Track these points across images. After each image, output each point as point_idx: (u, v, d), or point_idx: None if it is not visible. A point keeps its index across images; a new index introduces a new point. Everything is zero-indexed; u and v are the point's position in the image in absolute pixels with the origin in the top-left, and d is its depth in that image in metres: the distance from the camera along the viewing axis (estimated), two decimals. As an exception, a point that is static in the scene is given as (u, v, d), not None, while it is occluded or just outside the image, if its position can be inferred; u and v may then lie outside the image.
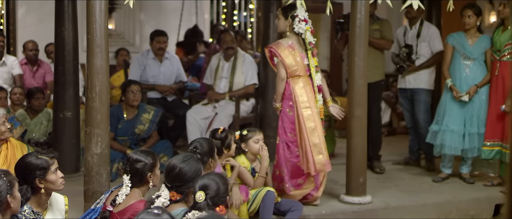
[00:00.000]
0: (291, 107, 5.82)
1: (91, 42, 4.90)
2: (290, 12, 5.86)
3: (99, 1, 4.86)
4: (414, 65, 7.35)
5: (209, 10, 11.45)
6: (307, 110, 5.75)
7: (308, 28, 5.85)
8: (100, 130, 4.91)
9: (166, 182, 3.93)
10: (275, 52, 5.82)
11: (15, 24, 10.25)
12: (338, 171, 7.08)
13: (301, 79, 5.84)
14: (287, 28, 5.89)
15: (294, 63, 5.80)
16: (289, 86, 5.83)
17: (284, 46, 5.83)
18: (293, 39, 5.86)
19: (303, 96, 5.79)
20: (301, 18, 5.84)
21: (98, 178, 4.95)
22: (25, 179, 3.89)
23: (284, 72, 5.80)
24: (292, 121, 5.83)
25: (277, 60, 5.83)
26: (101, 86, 4.90)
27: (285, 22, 5.87)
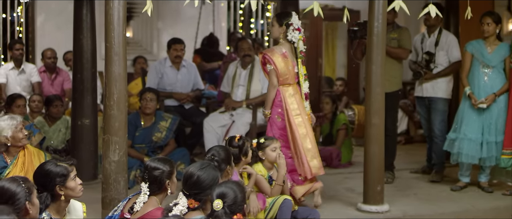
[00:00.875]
0: (280, 114, 5.92)
1: (109, 50, 4.92)
2: (285, 20, 5.96)
3: (118, 10, 4.88)
4: (431, 73, 7.31)
5: (226, 18, 11.47)
6: (298, 117, 5.87)
7: (301, 37, 5.97)
8: (118, 137, 4.93)
9: (183, 190, 3.93)
10: (269, 60, 5.91)
11: (34, 32, 10.33)
12: (355, 180, 7.07)
13: (291, 87, 5.96)
14: (281, 35, 5.97)
15: (286, 71, 5.91)
16: (280, 93, 5.93)
17: (278, 54, 5.92)
18: (286, 47, 5.96)
19: (293, 103, 5.90)
20: (295, 27, 5.94)
21: (116, 185, 4.96)
22: (44, 187, 3.90)
23: (276, 80, 5.91)
24: (281, 127, 5.92)
25: (271, 68, 5.91)
26: (119, 94, 4.92)
27: (279, 29, 5.97)
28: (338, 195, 6.61)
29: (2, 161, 5.23)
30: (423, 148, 7.97)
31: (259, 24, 11.93)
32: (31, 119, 7.63)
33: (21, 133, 5.19)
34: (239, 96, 7.76)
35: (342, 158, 8.18)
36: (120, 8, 4.89)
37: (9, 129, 5.15)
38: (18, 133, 5.18)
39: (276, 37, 6.07)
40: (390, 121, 7.23)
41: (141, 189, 4.09)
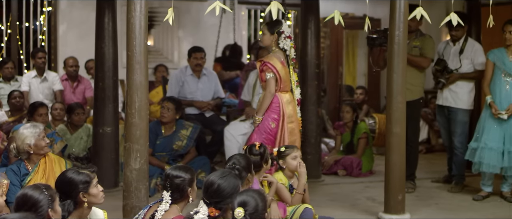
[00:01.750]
0: (275, 120, 6.01)
1: (131, 59, 4.95)
2: (276, 28, 6.05)
3: (139, 19, 4.92)
4: (455, 74, 7.21)
5: (246, 26, 11.49)
6: (291, 124, 6.00)
7: (292, 44, 6.09)
8: (139, 145, 4.95)
9: (204, 198, 3.94)
10: (271, 67, 5.97)
11: (56, 40, 10.41)
12: (376, 189, 7.04)
13: (288, 94, 6.08)
14: (273, 43, 6.05)
15: (286, 78, 6.02)
16: (278, 99, 6.01)
17: (278, 61, 6.00)
18: (281, 55, 6.04)
19: (289, 109, 6.03)
20: (286, 35, 6.04)
21: (137, 193, 4.98)
22: (68, 194, 3.94)
23: (274, 87, 5.99)
24: (271, 133, 6.00)
25: (271, 75, 5.97)
26: (140, 102, 4.94)
27: (271, 37, 6.06)
28: (359, 204, 6.59)
29: (24, 168, 5.28)
30: (444, 157, 7.91)
31: (280, 33, 11.94)
32: (53, 126, 7.69)
33: (44, 141, 5.24)
34: (260, 105, 7.76)
35: (363, 167, 8.15)
36: (142, 17, 4.92)
37: (32, 137, 5.20)
38: (40, 141, 5.22)
39: (267, 45, 6.17)
40: (411, 131, 7.17)
41: (163, 197, 4.11)
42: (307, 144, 7.48)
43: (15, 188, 5.11)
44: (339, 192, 7.18)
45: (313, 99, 7.58)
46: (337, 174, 8.11)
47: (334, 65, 11.55)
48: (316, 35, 7.59)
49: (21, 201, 3.51)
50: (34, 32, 10.63)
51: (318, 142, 7.75)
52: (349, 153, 8.33)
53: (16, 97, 8.52)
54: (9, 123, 8.23)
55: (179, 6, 10.43)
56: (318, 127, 7.69)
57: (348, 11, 11.10)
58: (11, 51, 10.45)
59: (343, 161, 8.17)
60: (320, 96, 7.81)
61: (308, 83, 7.57)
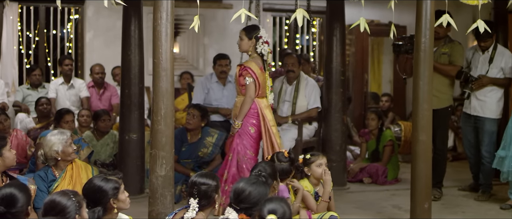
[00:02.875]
0: (254, 125, 6.06)
1: (157, 66, 4.97)
2: (254, 33, 6.10)
3: (165, 26, 4.94)
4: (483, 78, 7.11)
5: (271, 33, 11.49)
6: (274, 128, 6.06)
7: (269, 50, 6.15)
8: (164, 152, 4.97)
9: (233, 205, 3.96)
10: (251, 73, 6.02)
11: (83, 48, 10.50)
12: (402, 196, 7.00)
13: (265, 99, 6.15)
14: (250, 49, 6.10)
15: (264, 84, 6.09)
16: (256, 105, 6.07)
17: (257, 67, 6.05)
18: (258, 60, 6.10)
19: (268, 114, 6.09)
20: (264, 40, 6.09)
21: (163, 200, 4.99)
22: (97, 201, 3.98)
23: (254, 92, 6.04)
24: (254, 138, 6.06)
25: (251, 80, 6.01)
26: (166, 109, 4.96)
27: (249, 42, 6.11)
28: (385, 212, 6.55)
29: (51, 174, 5.33)
30: (469, 165, 7.84)
31: (305, 39, 11.92)
32: (79, 133, 7.75)
33: (71, 148, 5.29)
34: (285, 112, 7.76)
35: (389, 174, 8.10)
36: (168, 25, 4.94)
37: (60, 144, 5.25)
38: (67, 147, 5.27)
39: (245, 50, 6.22)
40: (439, 140, 7.12)
41: (190, 204, 4.12)
42: (332, 152, 7.46)
43: (43, 194, 5.16)
44: (365, 200, 7.14)
45: (338, 107, 7.56)
46: (363, 182, 8.08)
47: (360, 72, 11.51)
48: (342, 42, 7.57)
49: (49, 206, 3.55)
50: (61, 39, 10.73)
51: (344, 149, 7.72)
52: (375, 161, 8.29)
53: (43, 104, 8.61)
54: (37, 130, 8.32)
55: (205, 14, 10.47)
56: (343, 134, 7.67)
57: (374, 18, 11.06)
58: (38, 58, 10.56)
59: (368, 168, 8.13)
60: (345, 103, 7.79)
61: (333, 90, 7.55)
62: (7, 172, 4.91)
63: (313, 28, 11.79)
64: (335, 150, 7.52)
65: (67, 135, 5.34)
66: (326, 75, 7.68)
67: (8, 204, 3.72)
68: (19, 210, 3.76)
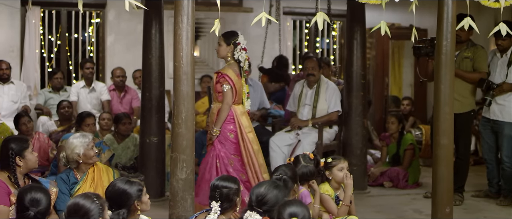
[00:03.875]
0: (232, 130, 6.08)
1: (178, 70, 4.99)
2: (232, 39, 6.14)
3: (186, 30, 4.96)
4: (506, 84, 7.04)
5: (292, 37, 11.49)
6: (250, 134, 6.09)
7: (247, 57, 6.16)
8: (185, 155, 4.98)
9: (256, 207, 3.97)
10: (228, 80, 6.04)
11: (104, 51, 10.57)
12: (423, 201, 6.96)
13: (241, 105, 6.18)
14: (228, 55, 6.12)
15: (240, 90, 6.12)
16: (232, 111, 6.09)
17: (234, 74, 6.08)
18: (235, 67, 6.12)
19: (245, 121, 6.12)
20: (242, 46, 6.13)
21: (183, 203, 5.00)
22: (122, 204, 4.01)
23: (231, 99, 6.06)
24: (235, 142, 6.08)
25: (228, 87, 6.03)
26: (187, 112, 4.97)
27: (227, 48, 6.14)
28: (406, 217, 6.51)
29: (73, 177, 5.36)
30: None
31: (325, 43, 11.90)
32: (100, 136, 7.79)
33: (92, 151, 5.32)
34: (305, 115, 7.75)
35: (409, 178, 8.06)
36: (189, 29, 4.96)
37: (81, 147, 5.28)
38: (89, 151, 5.31)
39: (223, 56, 6.24)
40: (462, 145, 7.06)
41: (212, 207, 4.13)
42: (353, 155, 7.43)
43: (64, 197, 5.19)
44: (385, 204, 7.11)
45: (358, 110, 7.53)
46: (383, 186, 8.04)
47: (380, 75, 11.47)
48: (362, 45, 7.55)
49: (73, 209, 3.59)
50: (83, 43, 10.80)
51: (364, 153, 7.70)
52: (395, 165, 8.24)
53: (65, 107, 8.67)
54: (58, 133, 8.39)
55: (225, 17, 10.49)
56: (363, 138, 7.64)
57: (394, 21, 11.02)
58: (60, 61, 10.65)
59: (389, 172, 8.09)
60: (365, 107, 7.76)
61: (353, 94, 7.53)
62: (29, 174, 4.95)
63: (334, 32, 11.77)
64: (355, 154, 7.50)
65: (89, 138, 5.38)
66: (347, 79, 7.66)
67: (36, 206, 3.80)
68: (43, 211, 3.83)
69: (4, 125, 8.01)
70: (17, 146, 4.81)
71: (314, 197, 5.23)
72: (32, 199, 3.87)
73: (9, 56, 9.81)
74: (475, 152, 9.95)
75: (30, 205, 3.85)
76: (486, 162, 7.47)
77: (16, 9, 9.96)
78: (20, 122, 7.72)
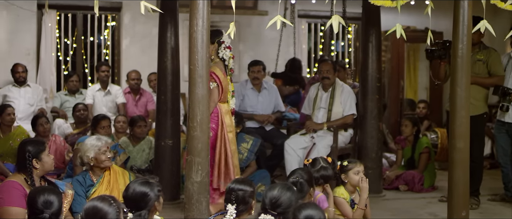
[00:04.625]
0: (213, 129, 6.06)
1: (193, 73, 4.99)
2: (216, 38, 6.16)
3: (201, 33, 4.96)
4: None
5: (306, 40, 11.48)
6: (230, 134, 6.11)
7: (231, 55, 6.18)
8: (200, 158, 4.98)
9: (270, 210, 3.97)
10: (215, 78, 6.06)
11: (119, 54, 10.61)
12: (439, 205, 6.93)
13: (226, 104, 6.20)
14: (213, 53, 6.14)
15: (226, 89, 6.13)
16: (217, 109, 6.12)
17: (221, 72, 6.10)
18: (221, 65, 6.14)
19: (228, 120, 6.14)
20: (226, 45, 6.15)
21: (198, 206, 5.00)
22: (143, 205, 4.04)
23: (218, 97, 6.08)
24: (211, 142, 5.91)
25: (214, 85, 6.06)
26: (202, 115, 4.98)
27: (211, 46, 6.09)
28: (421, 220, 6.49)
29: (89, 179, 5.39)
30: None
31: (340, 46, 11.89)
32: (116, 139, 7.82)
33: (104, 156, 5.35)
34: (320, 119, 7.74)
35: (425, 182, 8.02)
36: (204, 32, 4.96)
37: (92, 150, 5.33)
38: (100, 155, 5.34)
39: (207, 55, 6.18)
40: (475, 147, 6.99)
41: (228, 210, 4.14)
42: (368, 159, 7.41)
43: (80, 199, 5.22)
44: (401, 207, 7.08)
45: (374, 113, 7.51)
46: (399, 189, 8.00)
47: (395, 78, 11.43)
48: (377, 48, 7.53)
49: (91, 212, 3.60)
50: (98, 46, 10.86)
51: (379, 156, 7.67)
52: (410, 169, 8.20)
53: (80, 110, 8.72)
54: (74, 135, 8.43)
55: (240, 20, 10.50)
56: (379, 141, 7.62)
57: (410, 24, 10.99)
58: (76, 64, 10.70)
59: (404, 176, 8.06)
60: (381, 110, 7.74)
61: (369, 97, 7.51)
62: (45, 176, 4.98)
63: (349, 35, 11.76)
64: (371, 157, 7.47)
65: (101, 143, 5.41)
66: (362, 82, 7.65)
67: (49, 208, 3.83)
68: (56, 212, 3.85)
69: (20, 127, 8.07)
70: (34, 149, 4.84)
71: (328, 201, 5.22)
72: (45, 201, 3.87)
73: (26, 59, 9.88)
74: (491, 156, 9.89)
75: (44, 207, 3.86)
76: (501, 166, 7.42)
77: (32, 13, 10.04)
78: (38, 122, 7.81)
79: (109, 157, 5.42)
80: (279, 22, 4.69)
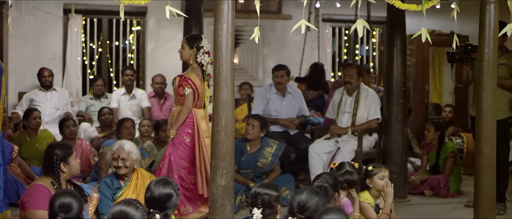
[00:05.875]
0: (189, 134, 6.06)
1: (218, 77, 5.00)
2: (195, 42, 6.13)
3: (226, 37, 4.97)
4: None
5: (331, 44, 11.45)
6: (207, 139, 5.99)
7: (210, 60, 6.09)
8: (225, 162, 4.99)
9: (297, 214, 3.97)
10: (191, 83, 6.02)
11: (144, 58, 10.67)
12: (464, 210, 6.87)
13: (202, 109, 6.14)
14: (191, 58, 6.12)
15: (203, 94, 6.09)
16: (192, 115, 6.07)
17: (197, 78, 6.06)
18: (198, 71, 6.10)
19: (204, 125, 6.07)
20: (205, 50, 6.10)
21: (223, 210, 5.01)
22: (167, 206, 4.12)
23: (192, 103, 6.04)
24: (190, 147, 6.06)
25: (189, 91, 6.02)
26: (226, 119, 4.98)
27: (190, 51, 6.14)
28: (447, 225, 6.44)
29: (117, 182, 5.44)
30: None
31: (364, 50, 11.84)
32: (141, 143, 7.86)
33: (115, 162, 5.42)
34: (345, 123, 7.71)
35: (451, 187, 7.95)
36: (229, 36, 4.98)
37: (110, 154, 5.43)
38: (112, 160, 5.41)
39: (186, 59, 6.24)
40: (500, 151, 6.93)
41: (253, 214, 4.15)
42: (393, 163, 7.36)
43: (107, 201, 5.26)
44: (426, 212, 7.03)
45: (399, 118, 7.47)
46: (424, 194, 7.94)
47: (420, 83, 11.35)
48: (402, 52, 7.49)
49: (119, 216, 3.62)
50: (124, 50, 10.92)
51: (404, 161, 7.62)
52: (435, 173, 8.13)
53: (105, 114, 8.78)
54: (99, 139, 8.49)
55: (264, 25, 10.51)
56: (404, 146, 7.57)
57: (435, 28, 10.91)
58: (101, 69, 10.78)
59: (430, 181, 7.99)
60: (406, 115, 7.69)
61: (393, 101, 7.47)
62: (71, 180, 5.03)
63: (373, 38, 11.71)
64: (395, 162, 7.43)
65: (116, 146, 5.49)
66: (386, 86, 7.61)
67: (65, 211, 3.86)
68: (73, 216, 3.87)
69: (46, 131, 8.16)
70: (61, 152, 4.89)
71: (354, 205, 5.21)
72: (61, 204, 3.88)
73: (52, 63, 9.98)
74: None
75: (59, 211, 3.87)
76: None
77: (58, 18, 10.14)
78: (65, 124, 7.91)
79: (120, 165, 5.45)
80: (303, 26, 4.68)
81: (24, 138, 7.97)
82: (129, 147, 5.49)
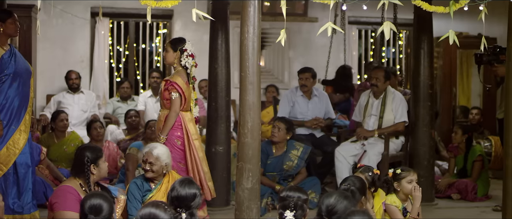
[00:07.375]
0: (179, 137, 6.03)
1: (244, 80, 5.02)
2: (179, 46, 6.12)
3: (252, 40, 4.99)
4: None
5: (357, 47, 11.42)
6: (196, 141, 6.03)
7: (194, 63, 6.09)
8: (251, 165, 5.00)
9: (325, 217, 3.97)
10: (177, 88, 5.98)
11: (170, 61, 10.72)
12: (492, 214, 6.80)
13: (189, 112, 6.13)
14: (175, 61, 6.10)
15: (189, 98, 6.07)
16: (180, 118, 6.04)
17: (183, 81, 6.03)
18: (183, 74, 6.07)
19: (192, 128, 6.06)
20: (189, 53, 6.08)
21: (248, 212, 5.03)
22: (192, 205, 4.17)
23: (179, 107, 6.01)
24: (182, 150, 6.03)
25: (176, 95, 5.99)
26: (253, 122, 5.00)
27: (174, 54, 6.11)
28: (474, 229, 6.38)
29: (147, 184, 5.47)
30: None
31: (390, 52, 11.79)
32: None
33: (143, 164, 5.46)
34: (371, 126, 7.67)
35: (479, 191, 7.86)
36: (255, 39, 4.99)
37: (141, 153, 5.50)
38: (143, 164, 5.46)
39: (170, 62, 6.23)
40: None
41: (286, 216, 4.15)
42: (420, 167, 7.31)
43: (136, 202, 5.30)
44: (454, 216, 6.98)
45: (426, 121, 7.42)
46: (451, 198, 7.87)
47: (448, 85, 11.26)
48: (429, 55, 7.44)
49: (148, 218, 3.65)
50: (150, 53, 10.99)
51: (431, 164, 7.56)
52: (463, 177, 8.05)
53: (132, 116, 8.83)
54: (126, 141, 8.55)
55: (290, 27, 10.51)
56: (431, 149, 7.51)
57: (462, 30, 10.82)
58: (128, 71, 10.85)
59: (457, 184, 7.92)
60: (433, 118, 7.63)
61: (421, 104, 7.42)
62: (99, 182, 5.07)
63: (400, 41, 11.65)
64: (422, 165, 7.38)
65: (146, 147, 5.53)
66: (413, 89, 7.56)
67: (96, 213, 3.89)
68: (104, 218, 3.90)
69: (74, 133, 8.24)
70: (92, 155, 4.94)
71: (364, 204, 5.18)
72: (92, 206, 3.92)
73: (79, 66, 10.07)
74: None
75: (89, 212, 3.90)
76: None
77: (86, 21, 10.24)
78: (92, 126, 7.99)
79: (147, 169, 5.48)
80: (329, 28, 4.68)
81: (52, 140, 8.05)
82: (158, 153, 5.48)
